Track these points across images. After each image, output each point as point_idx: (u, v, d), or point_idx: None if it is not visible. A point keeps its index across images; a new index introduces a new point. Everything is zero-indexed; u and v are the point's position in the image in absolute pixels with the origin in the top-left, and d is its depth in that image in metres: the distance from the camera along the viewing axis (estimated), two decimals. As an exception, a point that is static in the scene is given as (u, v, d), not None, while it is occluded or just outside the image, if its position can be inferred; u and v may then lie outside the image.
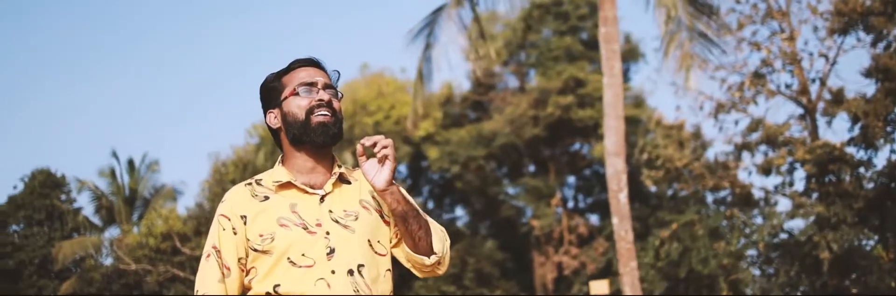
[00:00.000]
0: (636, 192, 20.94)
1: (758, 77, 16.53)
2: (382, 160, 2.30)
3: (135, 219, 24.77)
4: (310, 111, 2.39)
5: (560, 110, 20.03)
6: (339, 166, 2.49)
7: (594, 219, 23.52)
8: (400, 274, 25.39)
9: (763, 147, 15.85)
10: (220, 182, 24.91)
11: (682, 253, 14.73)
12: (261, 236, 2.33)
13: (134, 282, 21.69)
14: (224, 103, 44.64)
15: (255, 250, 2.34)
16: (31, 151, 42.42)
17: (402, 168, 26.79)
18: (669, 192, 19.50)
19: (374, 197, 2.46)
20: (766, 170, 15.13)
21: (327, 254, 2.30)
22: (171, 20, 46.02)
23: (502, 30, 25.53)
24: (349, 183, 2.47)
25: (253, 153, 24.65)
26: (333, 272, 2.29)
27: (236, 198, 2.43)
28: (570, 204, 24.01)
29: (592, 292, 8.03)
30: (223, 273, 2.37)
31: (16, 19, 42.62)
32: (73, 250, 22.44)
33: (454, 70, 23.83)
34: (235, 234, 2.37)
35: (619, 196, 9.73)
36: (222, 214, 2.41)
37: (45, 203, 24.47)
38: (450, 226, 24.89)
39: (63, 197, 25.28)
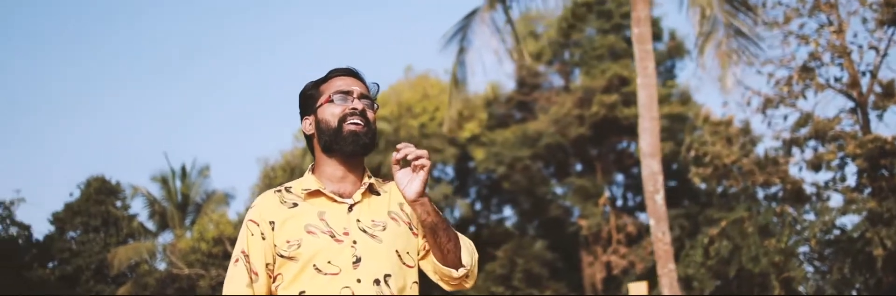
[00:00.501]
0: (685, 189, 20.73)
1: (806, 71, 16.23)
2: (416, 170, 2.29)
3: (187, 224, 25.14)
4: (342, 119, 2.39)
5: (605, 109, 19.92)
6: (370, 177, 2.48)
7: (643, 217, 23.33)
8: (449, 275, 25.39)
9: (812, 142, 15.57)
10: (269, 186, 25.20)
11: (732, 251, 14.51)
12: (288, 242, 2.33)
13: (187, 286, 22.02)
14: (272, 108, 45.04)
15: (282, 256, 2.34)
16: (87, 158, 43.30)
17: (449, 170, 26.84)
18: (719, 189, 19.27)
19: (403, 209, 2.45)
20: (815, 165, 14.87)
21: (353, 263, 2.30)
22: (220, 28, 46.64)
23: (545, 29, 25.47)
24: (378, 194, 2.46)
25: (300, 158, 24.88)
26: (359, 281, 2.28)
27: (265, 204, 2.42)
28: (618, 203, 23.84)
29: (631, 294, 7.96)
30: (251, 278, 2.37)
31: (73, 29, 43.55)
32: (128, 255, 22.84)
33: (489, 73, 23.78)
34: (264, 239, 2.37)
35: (655, 198, 9.63)
36: (251, 220, 2.41)
37: (101, 210, 24.95)
38: (497, 226, 24.87)
39: (118, 203, 25.76)
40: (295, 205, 2.39)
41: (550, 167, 24.08)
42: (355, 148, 2.39)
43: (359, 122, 2.39)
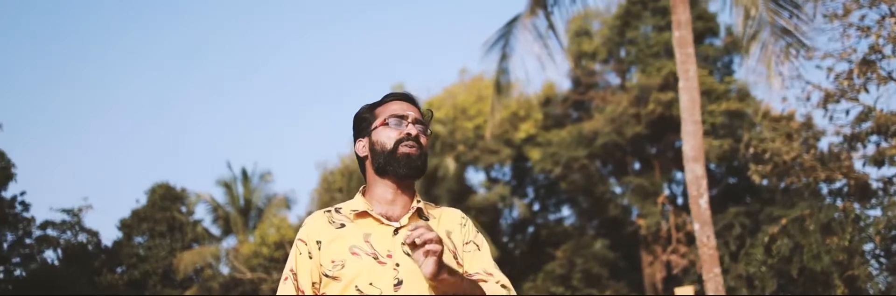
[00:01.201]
0: (745, 187, 20.41)
1: (867, 64, 15.87)
2: (428, 254, 2.26)
3: (249, 228, 25.53)
4: (397, 142, 2.44)
5: (661, 107, 19.72)
6: (419, 201, 2.51)
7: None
8: (508, 276, 25.42)
9: (875, 137, 15.20)
10: (329, 191, 25.46)
11: (793, 249, 14.25)
12: (333, 262, 2.38)
13: (250, 290, 22.36)
14: (331, 113, 45.50)
15: (327, 276, 2.39)
16: (152, 165, 44.20)
17: (506, 170, 26.80)
18: (781, 185, 18.93)
19: (450, 237, 2.49)
20: (877, 161, 14.52)
21: (394, 285, 2.33)
22: (277, 35, 47.25)
23: (600, 28, 25.30)
24: (426, 219, 2.50)
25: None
26: None
27: (314, 224, 2.48)
28: (679, 201, 23.56)
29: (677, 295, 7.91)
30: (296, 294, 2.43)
31: (139, 38, 44.52)
32: (193, 259, 23.28)
33: (533, 78, 23.73)
34: (310, 258, 2.43)
35: (699, 202, 9.53)
36: (300, 239, 2.47)
37: (166, 216, 25.48)
38: (556, 226, 24.77)
39: (182, 209, 26.28)
40: (342, 226, 2.44)
41: (608, 166, 23.91)
42: (409, 171, 2.44)
43: (413, 145, 2.44)
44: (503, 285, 2.51)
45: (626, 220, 23.21)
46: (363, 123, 2.57)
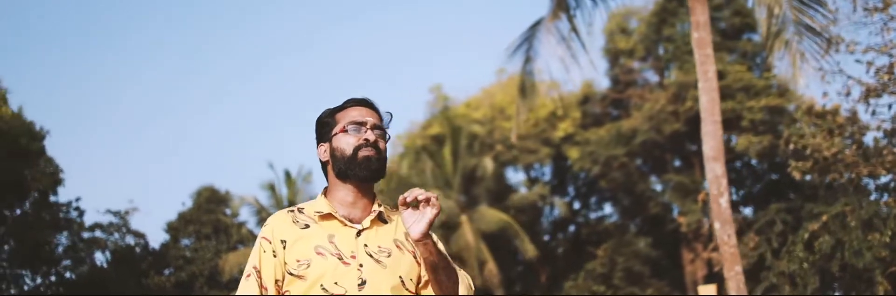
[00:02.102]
0: (787, 182, 20.23)
1: (907, 58, 15.67)
2: (427, 203, 2.40)
3: (293, 229, 25.85)
4: (357, 148, 2.52)
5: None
6: (379, 205, 2.60)
7: (747, 212, 22.86)
8: (550, 275, 25.51)
9: (915, 132, 15.01)
10: (369, 191, 25.68)
11: (834, 246, 14.13)
12: (298, 261, 2.44)
13: (295, 290, 22.63)
14: (372, 113, 45.80)
15: (291, 275, 2.45)
16: (197, 169, 44.87)
17: (546, 170, 26.84)
18: (825, 180, 18.73)
19: (408, 239, 2.55)
20: (921, 156, 14.33)
21: (359, 285, 2.41)
22: (316, 35, 47.67)
23: (637, 25, 25.23)
24: (386, 222, 2.58)
25: (397, 163, 25.25)
26: None
27: (278, 223, 2.54)
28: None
29: (701, 294, 7.95)
30: (261, 293, 2.47)
31: (181, 45, 45.21)
32: (238, 261, 23.61)
33: (562, 81, 23.75)
34: (275, 256, 2.48)
35: (719, 201, 9.58)
36: (264, 237, 2.52)
37: (212, 218, 25.89)
38: (597, 225, 24.75)
39: (227, 211, 26.70)
40: (307, 226, 2.51)
41: (648, 164, 23.84)
42: (369, 173, 2.52)
43: (372, 150, 2.52)
44: (469, 286, 2.59)
45: (667, 217, 23.12)
46: (324, 128, 2.64)
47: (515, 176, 27.13)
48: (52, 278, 22.78)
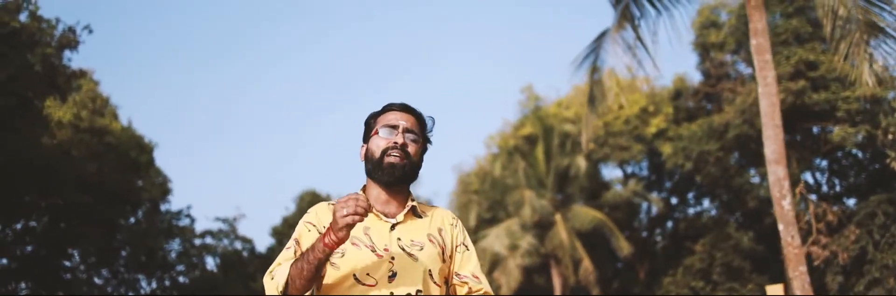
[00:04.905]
0: (890, 173, 19.72)
1: None
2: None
3: (393, 231, 26.40)
4: (384, 152, 2.62)
5: (792, 96, 19.28)
6: (413, 200, 2.72)
7: (849, 204, 22.32)
8: (648, 272, 25.36)
9: None
10: (466, 192, 26.04)
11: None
12: None
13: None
14: (464, 117, 46.25)
15: (327, 263, 2.54)
16: (299, 174, 46.08)
17: (643, 165, 26.71)
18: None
19: (441, 234, 2.69)
20: None
21: (389, 277, 2.51)
22: (419, 40, 48.35)
23: (728, 18, 24.89)
24: (420, 217, 2.70)
25: (491, 163, 25.53)
26: (392, 294, 2.50)
27: (322, 212, 2.69)
28: (824, 189, 22.92)
29: (769, 295, 8.01)
30: (295, 257, 2.58)
31: (295, 60, 46.50)
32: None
33: (658, 76, 23.65)
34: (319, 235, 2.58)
35: (782, 203, 9.63)
36: (309, 222, 2.68)
37: (314, 222, 26.66)
38: (695, 220, 24.53)
39: (328, 215, 27.46)
40: None
41: (744, 158, 23.49)
42: (391, 179, 2.63)
43: (398, 155, 2.62)
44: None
45: (766, 211, 22.76)
46: (366, 129, 2.75)
47: (611, 173, 27.11)
48: (166, 283, 23.88)
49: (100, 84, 20.49)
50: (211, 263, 25.61)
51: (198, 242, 25.53)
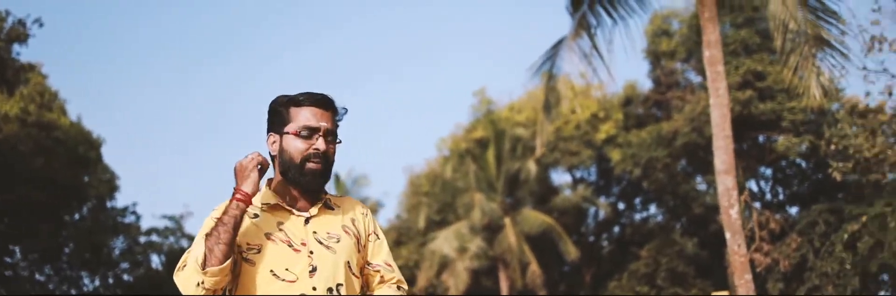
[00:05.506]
0: (835, 183, 20.21)
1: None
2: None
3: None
4: (305, 158, 2.51)
5: (740, 105, 19.69)
6: (325, 193, 2.65)
7: (792, 212, 22.83)
8: (594, 276, 25.68)
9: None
10: (416, 194, 26.11)
11: (873, 247, 14.21)
12: (248, 244, 2.47)
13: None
14: (418, 118, 46.35)
15: (242, 258, 2.47)
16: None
17: (592, 171, 27.02)
18: (863, 181, 18.71)
19: (354, 224, 2.64)
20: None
21: (310, 272, 2.45)
22: (365, 46, 48.29)
23: (679, 27, 25.30)
24: (332, 209, 2.63)
25: (442, 166, 25.61)
26: (314, 289, 2.44)
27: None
28: (768, 198, 23.40)
29: None
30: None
31: (243, 56, 46.12)
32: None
33: (577, 96, 24.08)
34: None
35: (730, 212, 9.89)
36: (215, 218, 2.49)
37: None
38: (642, 225, 24.89)
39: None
40: (256, 215, 2.53)
41: (692, 165, 23.91)
42: (313, 186, 2.55)
43: (319, 162, 2.51)
44: (400, 287, 2.68)
45: (711, 218, 23.19)
46: (277, 118, 2.58)
47: (560, 178, 27.38)
48: (110, 280, 23.55)
49: (48, 78, 20.13)
50: (156, 261, 25.31)
51: (143, 239, 25.21)
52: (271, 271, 2.45)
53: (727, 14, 22.45)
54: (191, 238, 25.98)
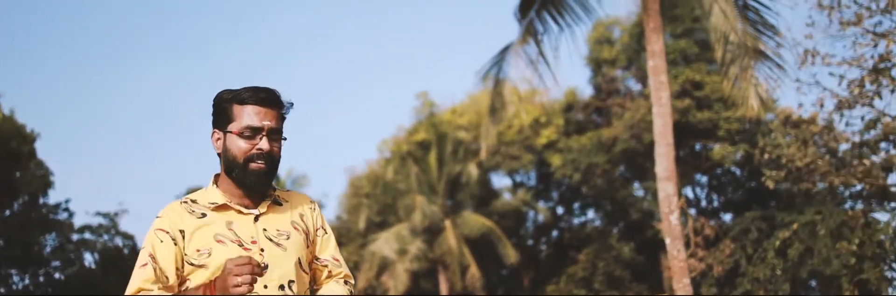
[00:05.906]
0: (768, 191, 20.74)
1: (878, 72, 16.13)
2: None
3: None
4: (249, 159, 2.47)
5: (678, 114, 20.11)
6: (273, 189, 2.62)
7: (726, 219, 23.36)
8: (532, 279, 25.96)
9: (884, 144, 15.50)
10: (357, 196, 26.09)
11: (803, 253, 14.62)
12: (198, 250, 2.44)
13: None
14: (357, 118, 46.25)
15: (192, 265, 2.44)
16: (185, 170, 45.08)
17: (532, 175, 27.29)
18: (794, 189, 19.23)
19: (303, 219, 2.63)
20: (886, 168, 14.84)
21: (262, 270, 2.38)
22: (304, 36, 48.04)
23: (621, 35, 25.71)
24: (281, 204, 2.61)
25: (384, 168, 25.64)
26: (266, 287, 2.43)
27: (174, 214, 2.50)
28: (702, 205, 23.91)
29: None
30: (157, 277, 2.44)
31: (179, 51, 45.50)
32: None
33: (524, 101, 24.48)
34: (175, 245, 2.45)
35: (670, 218, 10.15)
36: (160, 229, 2.48)
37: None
38: (580, 230, 25.21)
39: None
40: (204, 215, 2.49)
41: (630, 171, 24.32)
42: (256, 185, 2.52)
43: (263, 163, 2.48)
44: (347, 281, 2.69)
45: (647, 223, 23.61)
46: (221, 114, 2.54)
47: (500, 182, 27.60)
48: (41, 279, 23.05)
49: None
50: (89, 259, 24.84)
51: (76, 237, 24.73)
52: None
53: (668, 24, 22.91)
54: (125, 236, 25.58)
